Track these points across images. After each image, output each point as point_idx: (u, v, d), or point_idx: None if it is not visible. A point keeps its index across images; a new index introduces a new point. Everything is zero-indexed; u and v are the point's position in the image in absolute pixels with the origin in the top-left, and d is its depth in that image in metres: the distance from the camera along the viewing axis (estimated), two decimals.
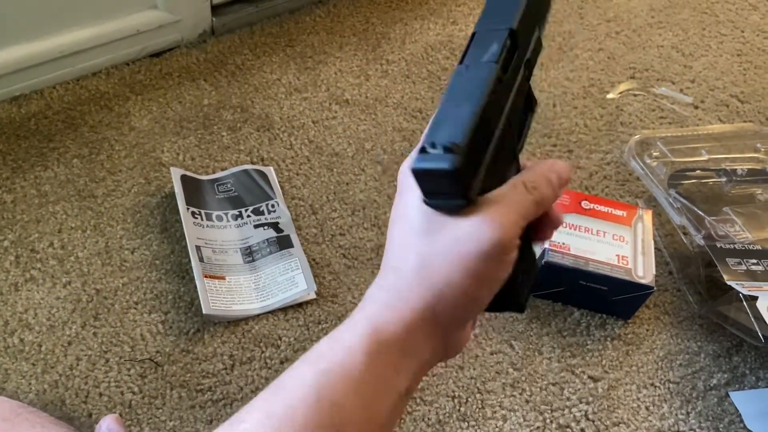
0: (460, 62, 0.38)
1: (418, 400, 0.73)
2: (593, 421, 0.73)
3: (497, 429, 0.72)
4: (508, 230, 0.35)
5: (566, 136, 1.00)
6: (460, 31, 1.15)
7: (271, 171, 0.90)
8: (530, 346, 0.78)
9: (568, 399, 0.75)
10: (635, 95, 1.08)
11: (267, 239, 0.82)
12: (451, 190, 0.35)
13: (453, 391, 0.74)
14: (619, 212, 0.82)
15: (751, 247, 0.81)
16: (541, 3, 0.41)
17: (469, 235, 0.35)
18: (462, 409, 0.73)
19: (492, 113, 0.36)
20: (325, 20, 1.14)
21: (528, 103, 0.41)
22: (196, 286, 0.77)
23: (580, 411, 0.74)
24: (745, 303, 0.75)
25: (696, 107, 1.07)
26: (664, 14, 1.22)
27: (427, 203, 0.36)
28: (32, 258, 0.80)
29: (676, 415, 0.74)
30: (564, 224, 0.80)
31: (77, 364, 0.73)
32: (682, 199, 0.87)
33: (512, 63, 0.37)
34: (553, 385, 0.76)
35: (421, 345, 0.36)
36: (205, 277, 0.78)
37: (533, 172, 0.38)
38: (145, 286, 0.79)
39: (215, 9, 1.07)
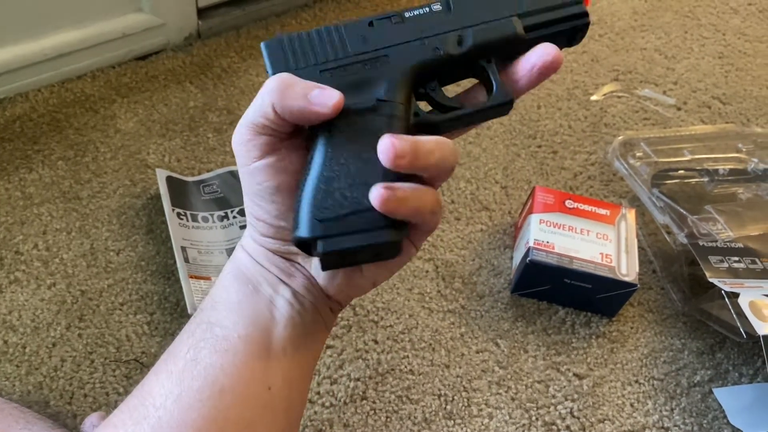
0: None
1: (404, 399, 0.73)
2: (578, 418, 0.74)
3: (483, 427, 0.72)
4: (245, 120, 0.39)
5: (550, 137, 1.01)
6: None
7: None
8: (516, 344, 0.79)
9: (554, 396, 0.75)
10: (619, 97, 1.09)
11: None
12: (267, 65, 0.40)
13: (439, 390, 0.74)
14: (602, 211, 0.83)
15: (732, 244, 0.82)
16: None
17: None
18: (448, 407, 0.73)
19: (354, 34, 0.40)
20: (311, 24, 1.14)
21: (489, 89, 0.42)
22: (181, 287, 0.77)
23: (566, 408, 0.74)
24: (727, 300, 0.75)
25: (679, 109, 1.08)
26: (646, 17, 1.24)
27: None
28: (16, 260, 0.80)
29: (661, 411, 0.75)
30: (548, 223, 0.81)
31: (62, 366, 0.72)
32: (665, 199, 0.87)
33: (432, 21, 0.41)
34: (539, 382, 0.76)
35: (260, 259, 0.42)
36: (191, 277, 0.78)
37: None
38: (130, 287, 0.79)
39: (201, 12, 1.08)
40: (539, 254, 0.78)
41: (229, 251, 0.82)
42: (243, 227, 0.84)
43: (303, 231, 0.37)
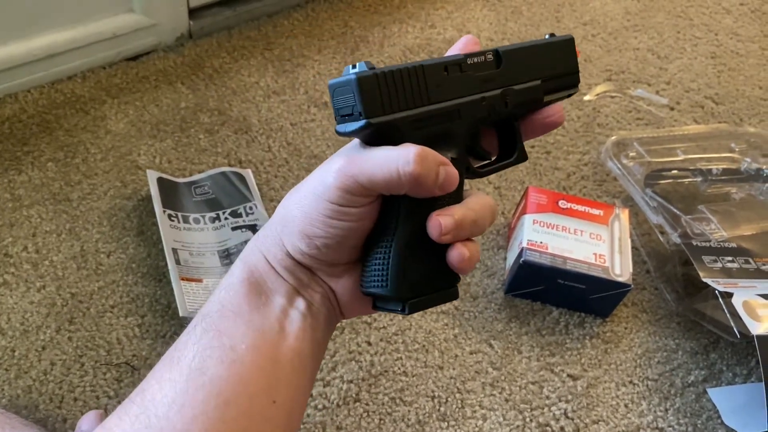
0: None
1: (397, 401, 0.73)
2: (572, 419, 0.73)
3: (477, 428, 0.72)
4: (346, 176, 0.37)
5: (544, 137, 1.01)
6: (438, 34, 1.15)
7: (248, 173, 0.90)
8: (509, 345, 0.78)
9: (548, 397, 0.75)
10: (612, 97, 1.09)
11: (245, 241, 0.82)
12: (351, 103, 0.38)
13: (433, 391, 0.74)
14: (596, 211, 0.83)
15: (726, 244, 0.82)
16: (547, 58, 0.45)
17: (326, 165, 0.39)
18: (442, 408, 0.73)
19: (433, 80, 0.40)
20: (303, 24, 1.14)
21: (508, 142, 0.45)
22: (172, 289, 0.76)
23: (560, 409, 0.74)
24: (720, 300, 0.75)
25: (672, 108, 1.08)
26: (639, 18, 1.24)
27: (337, 132, 0.39)
28: (6, 262, 0.79)
29: (655, 412, 0.75)
30: (541, 223, 0.80)
31: (51, 369, 0.72)
32: (658, 199, 0.87)
33: (485, 72, 0.42)
34: (533, 383, 0.76)
35: (281, 272, 0.41)
36: (182, 279, 0.77)
37: (429, 150, 0.38)
38: (121, 290, 0.78)
39: (192, 12, 1.07)
40: (533, 255, 0.77)
41: (221, 253, 0.81)
42: (235, 228, 0.83)
43: (393, 291, 0.40)
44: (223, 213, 0.85)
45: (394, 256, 0.40)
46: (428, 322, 0.79)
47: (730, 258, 0.81)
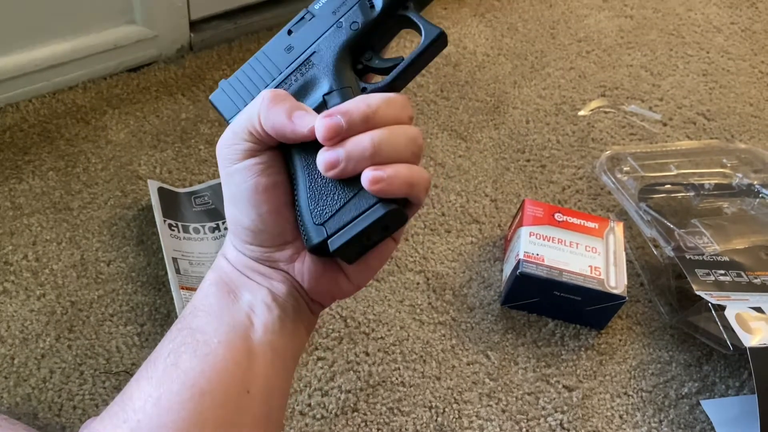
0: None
1: (395, 411, 0.73)
2: (568, 430, 0.74)
3: None
4: (233, 125, 0.41)
5: (539, 151, 1.03)
6: None
7: None
8: (506, 356, 0.79)
9: (544, 408, 0.76)
10: (606, 112, 1.11)
11: None
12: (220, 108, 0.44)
13: (430, 402, 0.75)
14: (591, 224, 0.84)
15: (718, 258, 0.84)
16: None
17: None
18: (439, 419, 0.74)
19: (279, 48, 0.44)
20: None
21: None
22: (172, 298, 0.77)
23: (556, 420, 0.75)
24: (713, 313, 0.76)
25: (665, 124, 1.10)
26: (632, 35, 1.26)
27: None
28: (6, 270, 0.79)
29: (649, 423, 0.76)
30: (538, 236, 0.81)
31: (51, 377, 0.72)
32: (652, 212, 0.89)
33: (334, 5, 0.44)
34: (529, 394, 0.76)
35: (240, 264, 0.44)
36: (182, 288, 0.77)
37: (278, 90, 0.42)
38: (120, 298, 0.79)
39: (193, 25, 1.08)
40: (529, 266, 0.78)
41: None
42: None
43: (312, 239, 0.40)
44: (223, 223, 0.86)
45: (301, 206, 0.41)
46: (426, 332, 0.80)
47: (722, 271, 0.82)
